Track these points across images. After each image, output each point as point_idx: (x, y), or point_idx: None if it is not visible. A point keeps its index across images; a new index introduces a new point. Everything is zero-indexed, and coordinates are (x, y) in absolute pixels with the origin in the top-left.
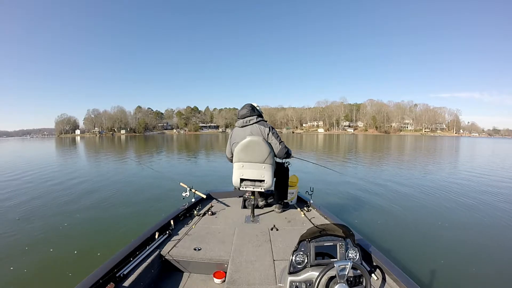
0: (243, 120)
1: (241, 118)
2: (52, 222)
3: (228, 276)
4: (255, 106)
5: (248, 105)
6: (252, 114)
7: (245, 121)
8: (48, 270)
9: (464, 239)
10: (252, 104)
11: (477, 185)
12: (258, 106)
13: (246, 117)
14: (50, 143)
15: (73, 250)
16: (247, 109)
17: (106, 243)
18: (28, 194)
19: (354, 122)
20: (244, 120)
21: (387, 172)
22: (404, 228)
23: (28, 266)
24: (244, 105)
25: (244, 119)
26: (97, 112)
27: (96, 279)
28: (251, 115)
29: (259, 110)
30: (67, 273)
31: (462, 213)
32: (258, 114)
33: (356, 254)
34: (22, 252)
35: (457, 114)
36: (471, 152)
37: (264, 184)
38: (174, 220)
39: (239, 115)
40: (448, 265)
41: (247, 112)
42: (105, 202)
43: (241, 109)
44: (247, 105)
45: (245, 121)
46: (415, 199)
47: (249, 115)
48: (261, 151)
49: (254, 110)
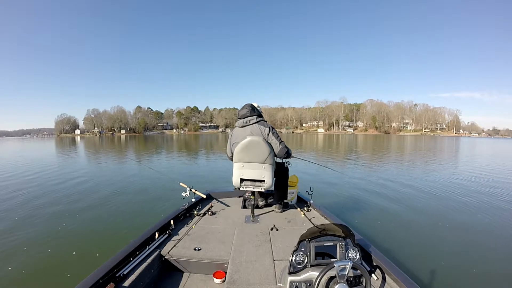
0: (243, 120)
1: (241, 118)
2: (52, 222)
3: (228, 276)
4: (256, 106)
5: (248, 105)
6: (252, 114)
7: (245, 121)
8: (48, 271)
9: (465, 239)
10: (253, 104)
11: (478, 185)
12: (258, 106)
13: (246, 117)
14: (50, 143)
15: (72, 251)
16: (247, 109)
17: (106, 243)
18: (27, 194)
19: (354, 122)
20: (244, 120)
21: (387, 172)
22: (404, 228)
23: (26, 266)
24: (244, 105)
25: (244, 119)
26: (97, 112)
27: (96, 279)
28: (251, 115)
29: (259, 110)
30: (67, 273)
31: (463, 213)
32: (258, 114)
33: (356, 254)
34: (20, 252)
35: (457, 114)
36: (471, 152)
37: (264, 184)
38: (174, 220)
39: (239, 115)
40: (448, 265)
41: (247, 112)
42: (105, 202)
43: (241, 109)
44: (247, 105)
45: (245, 121)
46: (415, 199)
47: (249, 115)
48: (261, 151)
49: (254, 110)
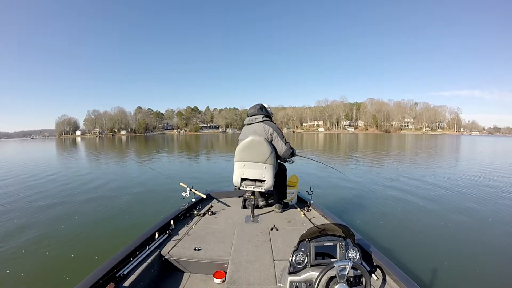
0: (249, 118)
1: (249, 116)
2: (51, 223)
3: (228, 276)
4: (266, 106)
5: (258, 104)
6: (260, 113)
7: (250, 119)
8: (47, 271)
9: (466, 239)
10: (263, 104)
11: (481, 185)
12: (269, 107)
13: (253, 115)
14: (51, 144)
15: (72, 251)
16: (255, 107)
17: (106, 243)
18: (27, 195)
19: (354, 121)
20: (250, 118)
21: (387, 171)
22: (405, 228)
23: (25, 268)
24: (255, 104)
25: (251, 117)
26: (97, 113)
27: (96, 279)
28: (258, 114)
29: (268, 111)
30: (66, 274)
31: (465, 213)
32: (266, 114)
33: (356, 254)
34: (20, 254)
35: (458, 112)
36: (473, 150)
37: (265, 184)
38: (174, 220)
39: (248, 113)
40: (449, 265)
41: (254, 110)
42: (105, 202)
43: (251, 107)
44: (257, 104)
45: (250, 119)
46: (416, 198)
47: (256, 114)
48: (263, 151)
49: (262, 110)
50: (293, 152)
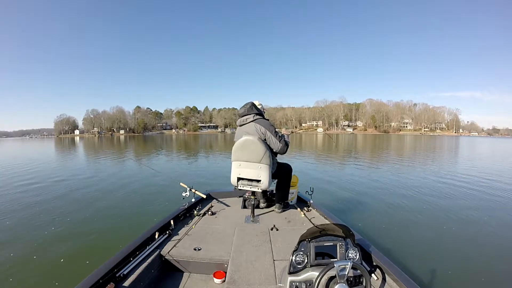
0: (241, 119)
1: (240, 116)
2: (51, 223)
3: (228, 276)
4: (257, 104)
5: (247, 104)
6: (250, 112)
7: (242, 120)
8: (47, 272)
9: (466, 239)
10: (254, 102)
11: (481, 185)
12: (260, 104)
13: (244, 116)
14: (50, 144)
15: (72, 251)
16: (245, 107)
17: (106, 243)
18: (25, 194)
19: (353, 121)
20: (241, 119)
21: (387, 172)
22: (405, 228)
23: (25, 268)
24: (245, 103)
25: (242, 117)
26: (96, 112)
27: (96, 279)
28: (249, 113)
29: (259, 108)
30: (66, 274)
31: (465, 213)
32: (257, 113)
33: (356, 254)
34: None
35: (457, 113)
36: (472, 151)
37: (261, 184)
38: (174, 220)
39: (239, 113)
40: (449, 266)
41: (244, 110)
42: (105, 202)
43: (241, 107)
44: (247, 103)
45: (242, 120)
46: (416, 198)
47: (246, 114)
48: (257, 151)
49: (252, 108)
50: (287, 143)
